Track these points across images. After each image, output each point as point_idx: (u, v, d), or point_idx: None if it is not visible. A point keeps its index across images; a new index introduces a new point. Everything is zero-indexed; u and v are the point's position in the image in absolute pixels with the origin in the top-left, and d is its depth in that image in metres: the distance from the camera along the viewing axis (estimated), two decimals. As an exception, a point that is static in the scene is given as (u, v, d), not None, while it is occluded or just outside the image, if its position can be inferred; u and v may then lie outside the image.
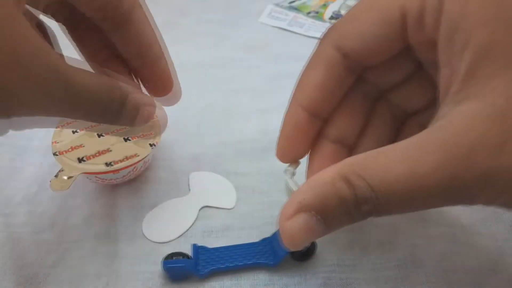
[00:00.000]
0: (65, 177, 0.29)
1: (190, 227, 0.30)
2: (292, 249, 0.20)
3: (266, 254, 0.28)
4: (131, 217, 0.31)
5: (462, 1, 0.17)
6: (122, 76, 0.26)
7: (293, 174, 0.25)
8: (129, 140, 0.32)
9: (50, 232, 0.30)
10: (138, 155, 0.31)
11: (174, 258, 0.27)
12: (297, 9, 0.52)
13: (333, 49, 0.22)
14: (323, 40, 0.22)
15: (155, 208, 0.32)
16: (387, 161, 0.17)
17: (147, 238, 0.30)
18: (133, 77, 0.27)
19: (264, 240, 0.29)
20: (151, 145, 0.32)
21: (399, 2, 0.19)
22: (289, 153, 0.25)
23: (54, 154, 0.31)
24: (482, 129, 0.16)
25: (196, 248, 0.28)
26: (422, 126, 0.21)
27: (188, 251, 0.28)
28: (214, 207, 0.32)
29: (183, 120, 0.39)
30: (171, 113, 0.38)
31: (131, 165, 0.31)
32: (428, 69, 0.22)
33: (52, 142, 0.32)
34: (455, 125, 0.17)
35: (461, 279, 0.27)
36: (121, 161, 0.31)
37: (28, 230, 0.30)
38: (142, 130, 0.33)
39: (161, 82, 0.28)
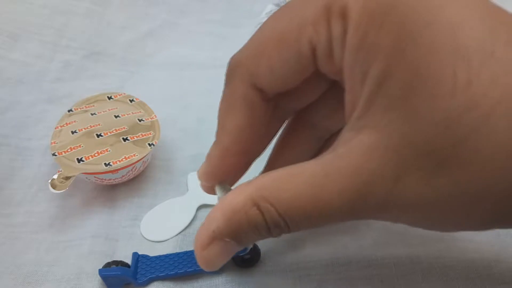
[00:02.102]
0: (64, 177, 0.29)
1: (187, 226, 0.30)
2: (210, 271, 0.22)
3: None
4: (129, 217, 0.31)
5: (362, 33, 0.17)
6: None
7: (224, 190, 0.24)
8: (128, 140, 0.33)
9: (48, 231, 0.30)
10: (136, 155, 0.31)
11: (112, 266, 0.27)
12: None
13: (247, 86, 0.21)
14: (232, 77, 0.21)
15: (153, 208, 0.32)
16: (294, 187, 0.18)
17: (144, 237, 0.30)
18: None
19: None
20: (150, 145, 0.32)
21: (307, 35, 0.18)
22: (213, 180, 0.24)
23: (53, 154, 0.31)
24: (379, 162, 0.17)
25: (136, 257, 0.28)
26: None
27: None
28: (212, 206, 0.31)
29: (182, 120, 0.39)
30: (171, 113, 0.39)
31: (129, 165, 0.31)
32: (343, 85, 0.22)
33: (51, 143, 0.32)
34: (355, 155, 0.17)
35: (458, 276, 0.27)
36: (119, 161, 0.31)
37: (27, 230, 0.30)
38: (141, 130, 0.33)
39: None
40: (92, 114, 0.35)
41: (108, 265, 0.27)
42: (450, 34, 0.15)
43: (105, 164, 0.30)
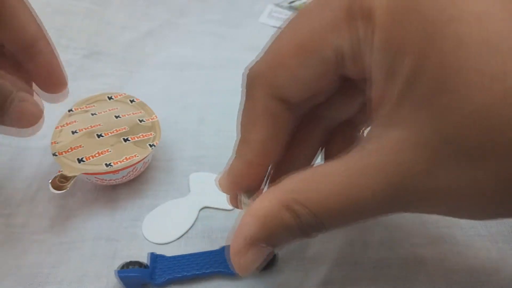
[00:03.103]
0: (65, 178, 0.29)
1: (190, 228, 0.30)
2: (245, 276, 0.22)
3: (226, 262, 0.27)
4: (130, 218, 0.31)
5: (389, 32, 0.17)
6: (9, 75, 0.26)
7: (249, 196, 0.24)
8: (129, 140, 0.32)
9: (50, 232, 0.30)
10: (137, 156, 0.31)
11: (130, 267, 0.26)
12: (297, 9, 0.52)
13: (270, 98, 0.20)
14: (253, 90, 0.21)
15: (155, 209, 0.31)
16: (326, 187, 0.18)
17: (147, 239, 0.30)
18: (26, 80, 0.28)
19: (224, 247, 0.28)
20: (150, 145, 0.32)
21: (331, 41, 0.18)
22: (235, 191, 0.24)
23: (54, 154, 0.31)
24: (412, 157, 0.17)
25: (154, 257, 0.27)
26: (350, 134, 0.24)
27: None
28: (214, 208, 0.32)
29: (183, 120, 0.39)
30: (171, 113, 0.39)
31: (130, 166, 0.31)
32: (355, 80, 0.22)
33: (52, 143, 0.32)
34: (387, 151, 0.17)
35: (462, 279, 0.27)
36: (120, 161, 0.31)
37: (28, 231, 0.30)
38: (141, 131, 0.33)
39: (50, 77, 0.28)
40: (92, 114, 0.35)
41: (125, 265, 0.27)
42: (477, 26, 0.15)
43: (106, 164, 0.30)
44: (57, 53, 0.29)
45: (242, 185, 0.23)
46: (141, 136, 0.33)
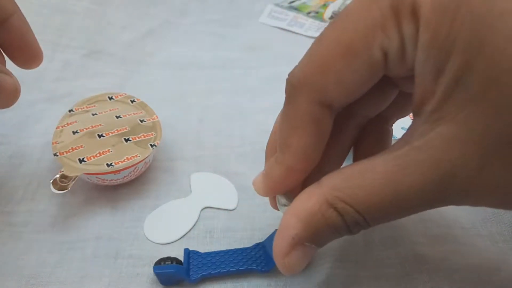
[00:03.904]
0: (66, 178, 0.29)
1: (191, 228, 0.30)
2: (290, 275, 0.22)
3: (259, 259, 0.27)
4: (132, 218, 0.31)
5: (436, 28, 0.17)
6: None
7: (288, 196, 0.24)
8: (130, 140, 0.32)
9: (51, 231, 0.30)
10: (138, 156, 0.31)
11: (166, 263, 0.27)
12: (297, 9, 0.52)
13: (314, 104, 0.20)
14: (296, 95, 0.20)
15: (156, 209, 0.31)
16: (370, 184, 0.18)
17: (148, 239, 0.30)
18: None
19: (257, 245, 0.28)
20: (151, 145, 0.32)
21: (377, 41, 0.18)
22: (273, 194, 0.24)
23: (55, 154, 0.31)
24: (461, 153, 0.17)
25: (188, 253, 0.28)
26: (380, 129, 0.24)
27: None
28: (216, 208, 0.32)
29: (183, 120, 0.39)
30: (171, 113, 0.39)
31: (132, 166, 0.31)
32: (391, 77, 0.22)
33: (53, 143, 0.32)
34: (434, 148, 0.17)
35: (464, 278, 0.27)
36: (122, 161, 0.31)
37: (28, 229, 0.30)
38: (142, 131, 0.33)
39: (26, 52, 0.28)
40: (93, 115, 0.35)
41: (160, 261, 0.27)
42: None
43: (107, 164, 0.30)
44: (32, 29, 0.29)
45: (281, 189, 0.23)
46: (142, 136, 0.33)
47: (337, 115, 0.22)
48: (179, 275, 0.26)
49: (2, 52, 0.28)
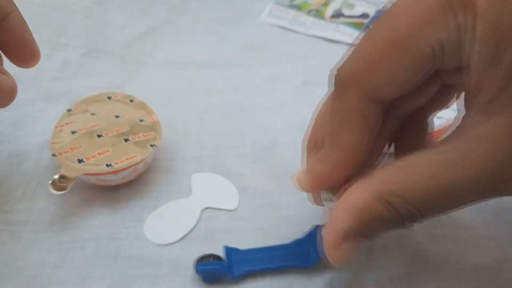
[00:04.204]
0: (65, 178, 0.29)
1: (192, 229, 0.30)
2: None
3: (300, 256, 0.27)
4: (132, 219, 0.31)
5: (494, 19, 0.17)
6: None
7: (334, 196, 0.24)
8: (129, 140, 0.32)
9: (50, 230, 0.30)
10: (138, 156, 0.31)
11: (207, 260, 0.27)
12: (297, 8, 0.52)
13: (364, 100, 0.20)
14: (344, 92, 0.20)
15: (157, 209, 0.31)
16: (423, 177, 0.18)
17: (149, 240, 0.29)
18: None
19: (297, 241, 0.28)
20: (151, 145, 0.32)
21: (431, 34, 0.18)
22: (317, 190, 0.24)
23: (53, 155, 0.31)
24: None
25: (229, 250, 0.28)
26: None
27: (192, 253, 0.28)
28: (217, 209, 0.31)
29: (183, 120, 0.38)
30: (171, 113, 0.38)
31: (131, 166, 0.31)
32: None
33: (51, 143, 0.32)
34: (492, 137, 0.17)
35: (467, 277, 0.27)
36: (121, 162, 0.30)
37: (28, 229, 0.30)
38: (142, 131, 0.33)
39: (23, 51, 0.28)
40: (92, 114, 0.34)
41: (201, 259, 0.27)
42: None
43: (106, 165, 0.30)
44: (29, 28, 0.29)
45: (326, 185, 0.23)
46: (142, 136, 0.33)
47: None
48: (222, 272, 0.26)
49: (0, 51, 0.28)
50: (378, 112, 0.21)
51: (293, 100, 0.40)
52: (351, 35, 0.47)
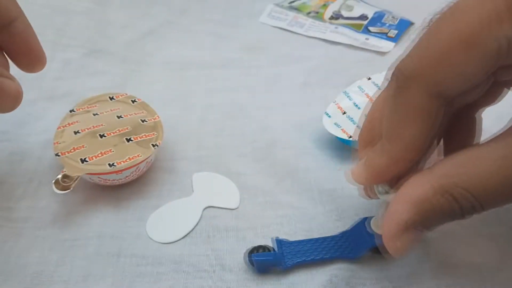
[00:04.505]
0: (68, 178, 0.29)
1: (194, 227, 0.30)
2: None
3: (348, 247, 0.28)
4: (134, 218, 0.31)
5: None
6: None
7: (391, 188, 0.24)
8: (131, 140, 0.32)
9: (52, 228, 0.30)
10: (140, 156, 0.31)
11: (259, 251, 0.28)
12: (297, 9, 0.52)
13: (428, 96, 0.20)
14: (408, 87, 0.21)
15: (158, 208, 0.32)
16: (485, 170, 0.19)
17: (151, 239, 0.30)
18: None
19: (344, 233, 0.29)
20: (153, 145, 0.32)
21: (500, 31, 0.18)
22: (374, 183, 0.24)
23: (56, 155, 0.31)
24: None
25: (279, 242, 0.28)
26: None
27: (194, 251, 0.28)
28: (218, 208, 0.32)
29: (184, 120, 0.39)
30: (172, 113, 0.39)
31: (134, 166, 0.31)
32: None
33: (54, 143, 0.32)
34: None
35: (466, 275, 0.27)
36: (124, 161, 0.31)
37: (29, 226, 0.30)
38: (144, 131, 0.33)
39: (29, 56, 0.29)
40: (94, 115, 0.35)
41: (253, 250, 0.28)
42: None
43: (109, 164, 0.30)
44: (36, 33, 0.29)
45: (383, 178, 0.23)
46: (144, 136, 0.33)
47: None
48: (275, 262, 0.27)
49: (6, 56, 0.28)
50: (440, 108, 0.21)
51: (293, 100, 0.41)
52: (350, 37, 0.47)
